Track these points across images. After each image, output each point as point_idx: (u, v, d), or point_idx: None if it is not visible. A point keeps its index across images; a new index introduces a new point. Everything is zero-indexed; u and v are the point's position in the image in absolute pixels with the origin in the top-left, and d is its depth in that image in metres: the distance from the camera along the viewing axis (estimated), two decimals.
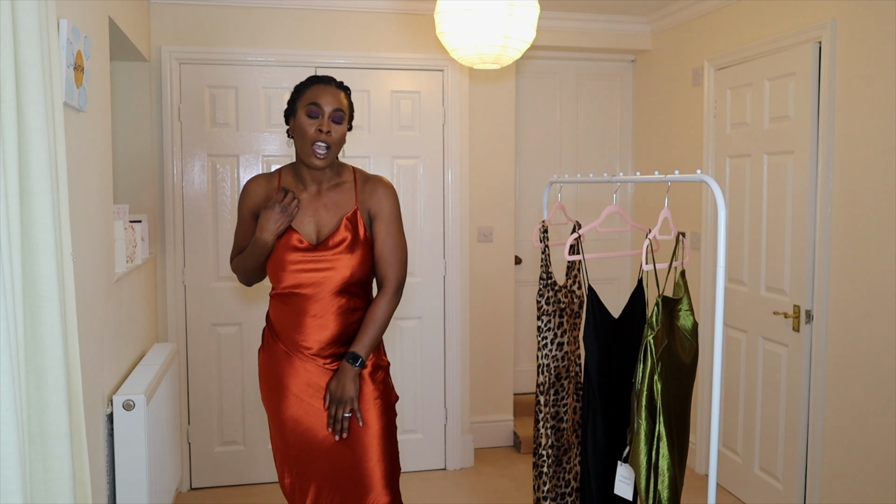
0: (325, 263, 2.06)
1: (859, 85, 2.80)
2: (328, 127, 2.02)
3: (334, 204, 2.11)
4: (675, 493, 2.03)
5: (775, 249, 3.25)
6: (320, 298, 2.07)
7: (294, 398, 2.12)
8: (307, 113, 2.03)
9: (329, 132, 2.02)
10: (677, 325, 2.20)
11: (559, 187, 2.61)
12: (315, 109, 2.02)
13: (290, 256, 2.07)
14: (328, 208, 2.11)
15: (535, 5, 2.55)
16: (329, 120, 2.03)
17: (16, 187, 1.37)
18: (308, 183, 2.12)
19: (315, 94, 2.04)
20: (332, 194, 2.12)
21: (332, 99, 2.04)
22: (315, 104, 2.03)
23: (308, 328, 2.09)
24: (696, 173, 2.03)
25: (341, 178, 2.15)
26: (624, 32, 4.24)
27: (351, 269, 2.07)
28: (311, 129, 2.02)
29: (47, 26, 1.51)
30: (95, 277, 2.30)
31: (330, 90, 2.05)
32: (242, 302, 3.71)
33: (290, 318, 2.11)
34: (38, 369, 1.49)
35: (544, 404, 2.36)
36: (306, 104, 2.04)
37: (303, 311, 2.09)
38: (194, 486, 3.70)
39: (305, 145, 2.04)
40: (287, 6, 3.64)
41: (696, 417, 3.76)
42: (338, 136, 2.04)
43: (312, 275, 2.06)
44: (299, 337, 2.10)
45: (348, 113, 2.10)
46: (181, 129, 3.59)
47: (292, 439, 2.13)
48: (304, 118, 2.03)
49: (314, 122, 2.03)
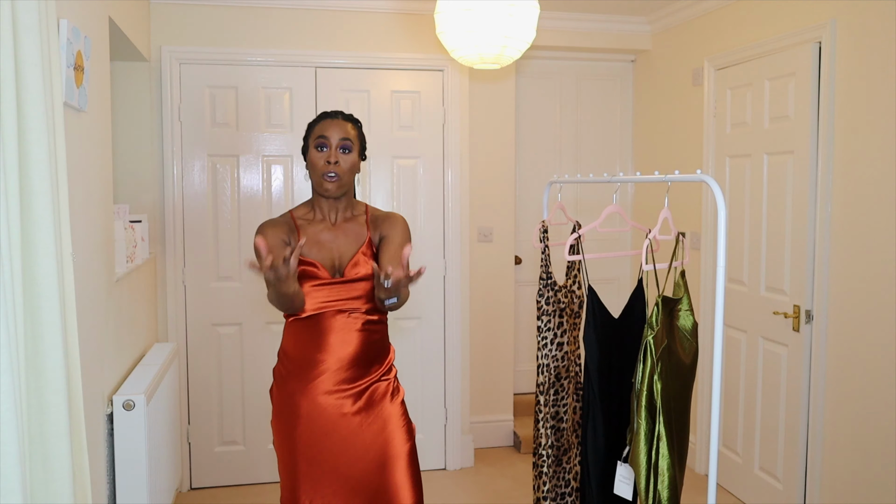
0: (347, 291, 2.10)
1: (859, 85, 2.80)
2: (336, 157, 2.10)
3: (352, 232, 2.17)
4: (675, 493, 2.03)
5: (775, 249, 3.25)
6: (343, 316, 2.10)
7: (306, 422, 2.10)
8: (316, 146, 2.12)
9: (337, 162, 2.09)
10: (677, 325, 2.20)
11: (559, 187, 2.61)
12: (323, 142, 2.11)
13: (311, 288, 2.09)
14: (347, 235, 2.16)
15: (535, 5, 2.54)
16: (336, 150, 2.10)
17: (16, 187, 1.37)
18: (325, 214, 2.18)
19: (322, 128, 2.12)
20: (348, 225, 2.18)
21: (338, 130, 2.12)
22: (322, 136, 2.11)
23: (330, 345, 2.09)
24: (696, 173, 2.03)
25: (355, 212, 2.21)
26: (624, 32, 4.24)
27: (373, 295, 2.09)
28: (320, 162, 2.10)
29: (47, 26, 1.51)
30: (95, 277, 2.30)
31: (336, 123, 2.13)
32: (242, 302, 3.71)
33: (311, 338, 2.11)
34: (38, 369, 1.49)
35: (544, 404, 2.36)
36: (315, 138, 2.12)
37: (326, 329, 2.10)
38: (194, 486, 3.71)
39: (317, 177, 2.12)
40: (287, 6, 3.64)
41: (696, 417, 3.76)
42: (347, 165, 2.11)
43: (335, 302, 2.09)
44: (320, 355, 2.09)
45: (357, 143, 2.16)
46: (181, 129, 3.59)
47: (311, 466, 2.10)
48: (314, 152, 2.12)
49: (323, 154, 2.10)
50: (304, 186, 3.75)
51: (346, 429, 2.09)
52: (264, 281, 1.98)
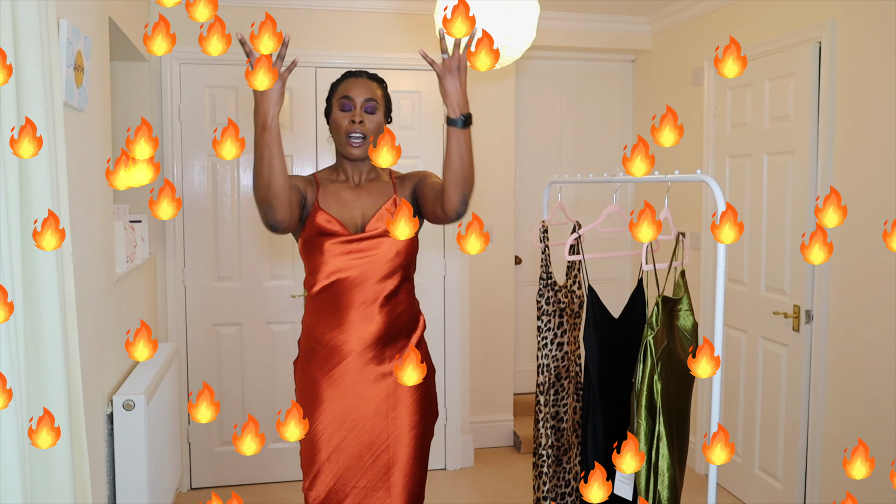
0: (368, 250, 2.01)
1: (859, 85, 2.80)
2: (360, 117, 2.01)
3: (377, 191, 2.10)
4: (675, 493, 2.03)
5: (775, 249, 3.25)
6: (365, 285, 2.00)
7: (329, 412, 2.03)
8: (340, 107, 2.03)
9: (362, 122, 2.01)
10: (677, 325, 2.20)
11: (559, 187, 2.60)
12: (347, 102, 2.02)
13: (330, 244, 2.01)
14: (371, 194, 2.09)
15: (535, 5, 2.54)
16: (361, 110, 2.02)
17: (16, 187, 1.37)
18: (348, 176, 2.11)
19: (346, 88, 2.04)
20: (373, 185, 2.11)
21: (363, 90, 2.03)
22: (346, 97, 2.03)
23: (351, 323, 2.00)
24: (696, 173, 2.03)
25: (379, 174, 2.15)
26: (624, 32, 4.24)
27: (396, 248, 2.02)
28: (344, 122, 2.02)
29: (47, 26, 1.51)
30: (95, 277, 2.30)
31: (361, 81, 2.05)
32: (242, 302, 3.71)
33: (331, 315, 2.02)
34: (38, 369, 1.49)
35: (544, 404, 2.36)
36: (339, 98, 2.04)
37: (346, 305, 2.00)
38: (194, 486, 3.71)
39: (341, 137, 2.04)
40: (287, 6, 3.64)
41: (696, 417, 3.76)
42: (372, 125, 2.03)
43: (355, 260, 2.01)
44: (342, 336, 2.01)
45: (383, 104, 2.07)
46: (181, 129, 3.59)
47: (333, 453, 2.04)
48: (338, 112, 2.04)
49: (347, 114, 2.03)
50: None
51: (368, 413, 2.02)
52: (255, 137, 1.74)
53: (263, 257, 3.72)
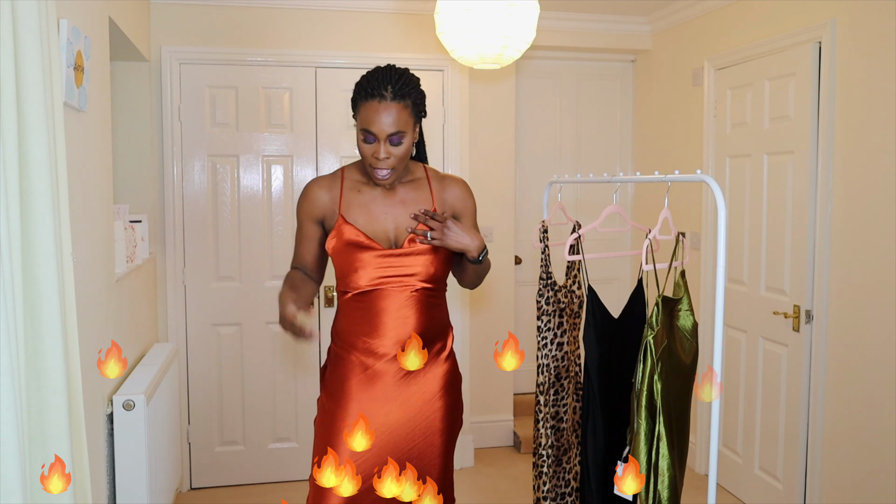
0: (405, 264, 1.92)
1: (859, 85, 2.80)
2: (386, 152, 1.83)
3: (412, 200, 1.96)
4: (675, 493, 2.03)
5: (775, 249, 3.25)
6: (402, 293, 1.93)
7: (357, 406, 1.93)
8: (363, 137, 1.85)
9: (387, 157, 1.84)
10: (677, 325, 2.20)
11: (559, 187, 2.60)
12: (369, 135, 1.83)
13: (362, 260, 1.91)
14: (406, 204, 1.95)
15: (535, 5, 2.54)
16: (386, 143, 1.83)
17: (16, 187, 1.37)
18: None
19: (367, 119, 1.82)
20: (407, 191, 1.97)
21: (386, 123, 1.81)
22: (367, 130, 1.83)
23: (386, 327, 1.92)
24: (696, 173, 2.03)
25: (413, 174, 2.00)
26: (624, 32, 4.24)
27: (435, 266, 1.96)
28: (367, 153, 1.86)
29: (47, 26, 1.51)
30: (95, 277, 2.30)
31: (384, 109, 1.80)
32: (242, 302, 3.71)
33: (366, 321, 1.93)
34: (38, 369, 1.49)
35: (544, 404, 2.36)
36: (360, 126, 1.84)
37: (382, 311, 1.92)
38: (194, 486, 3.70)
39: (366, 163, 1.89)
40: (287, 6, 3.64)
41: (696, 417, 3.76)
42: (400, 154, 1.85)
43: (391, 270, 1.91)
44: (377, 341, 1.92)
45: (412, 123, 1.86)
46: (181, 129, 3.59)
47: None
48: (360, 139, 1.86)
49: (370, 146, 1.85)
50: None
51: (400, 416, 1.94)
52: (281, 310, 1.82)
53: (263, 257, 3.72)
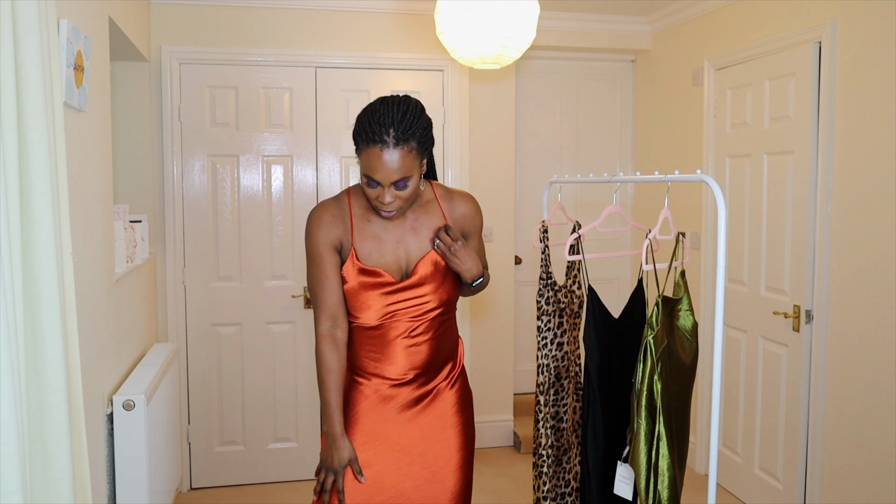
0: (416, 294, 1.87)
1: (859, 85, 2.80)
2: (392, 196, 1.76)
3: (423, 226, 1.90)
4: (675, 493, 2.03)
5: (775, 249, 3.25)
6: (413, 322, 1.88)
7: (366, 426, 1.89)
8: (366, 182, 1.77)
9: (393, 200, 1.77)
10: (677, 325, 2.20)
11: (559, 187, 2.60)
12: (372, 181, 1.75)
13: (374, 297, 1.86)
14: (417, 231, 1.89)
15: (535, 5, 2.55)
16: (390, 188, 1.75)
17: (16, 187, 1.37)
18: None
19: (369, 166, 1.73)
20: (418, 216, 1.90)
21: (390, 171, 1.72)
22: (369, 177, 1.75)
23: (399, 356, 1.88)
24: (696, 173, 2.03)
25: (423, 197, 1.92)
26: (624, 32, 4.24)
27: (448, 293, 1.91)
28: (372, 196, 1.78)
29: (47, 26, 1.51)
30: (95, 277, 2.30)
31: (387, 157, 1.71)
32: (242, 302, 3.71)
33: (377, 349, 1.89)
34: (38, 369, 1.49)
35: (544, 404, 2.36)
36: (363, 172, 1.76)
37: (393, 339, 1.88)
38: (194, 486, 3.70)
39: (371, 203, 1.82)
40: (287, 6, 3.64)
41: (696, 417, 3.76)
42: (406, 195, 1.78)
43: (401, 311, 1.86)
44: (390, 368, 1.88)
45: (417, 164, 1.77)
46: (181, 129, 3.59)
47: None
48: (364, 181, 1.78)
49: (374, 190, 1.77)
50: (305, 186, 3.75)
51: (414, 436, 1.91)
52: (327, 451, 1.84)
53: (263, 257, 3.72)
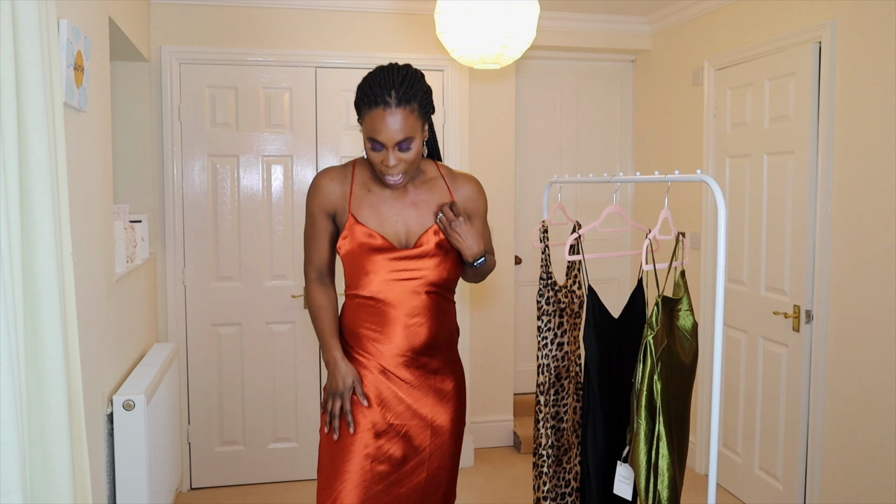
0: (416, 267, 1.87)
1: (859, 85, 2.80)
2: (396, 159, 1.77)
3: (425, 203, 1.91)
4: (675, 493, 2.03)
5: (775, 249, 3.25)
6: (411, 302, 1.88)
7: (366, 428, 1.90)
8: (370, 145, 1.78)
9: (396, 163, 1.78)
10: (677, 325, 2.20)
11: (559, 187, 2.61)
12: (377, 144, 1.77)
13: (374, 263, 1.85)
14: (418, 206, 1.90)
15: (535, 5, 2.55)
16: (394, 150, 1.77)
17: (16, 187, 1.37)
18: None
19: (373, 128, 1.75)
20: (420, 192, 1.92)
21: (393, 131, 1.73)
22: (373, 139, 1.76)
23: (398, 336, 1.88)
24: (696, 173, 2.03)
25: (427, 174, 1.94)
26: (624, 32, 4.24)
27: (448, 271, 1.92)
28: (376, 160, 1.80)
29: (47, 26, 1.51)
30: (95, 277, 2.30)
31: (389, 117, 1.73)
32: (242, 302, 3.71)
33: (375, 324, 1.89)
34: (38, 369, 1.49)
35: (544, 404, 2.36)
36: (367, 135, 1.78)
37: (392, 317, 1.88)
38: (194, 486, 3.70)
39: (376, 169, 1.83)
40: (287, 6, 3.64)
41: (696, 417, 3.76)
42: (410, 158, 1.79)
43: (401, 282, 1.86)
44: (388, 346, 1.88)
45: (419, 126, 1.79)
46: (181, 129, 3.59)
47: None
48: (368, 147, 1.79)
49: (378, 154, 1.78)
50: (305, 186, 3.74)
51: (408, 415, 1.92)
52: (331, 377, 1.91)
53: (263, 257, 3.72)
